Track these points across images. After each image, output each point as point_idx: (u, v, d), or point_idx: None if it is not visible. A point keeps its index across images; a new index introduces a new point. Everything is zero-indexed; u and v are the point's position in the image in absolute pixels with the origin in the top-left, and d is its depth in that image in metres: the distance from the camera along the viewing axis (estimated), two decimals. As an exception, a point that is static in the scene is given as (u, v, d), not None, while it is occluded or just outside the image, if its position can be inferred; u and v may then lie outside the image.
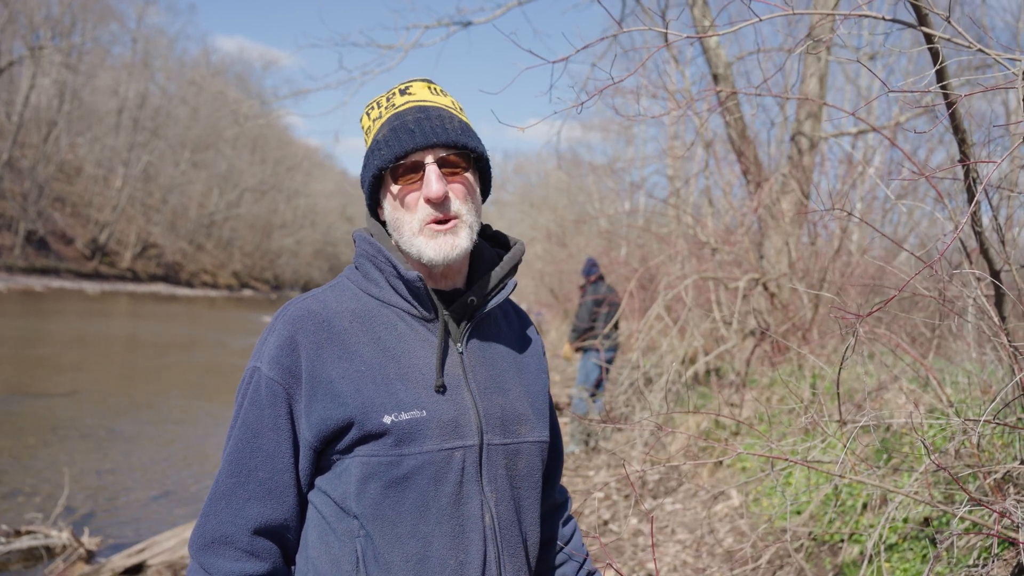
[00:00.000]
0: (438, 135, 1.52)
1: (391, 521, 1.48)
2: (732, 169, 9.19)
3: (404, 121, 1.55)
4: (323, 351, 1.52)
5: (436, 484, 1.50)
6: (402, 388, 1.51)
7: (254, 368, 1.55)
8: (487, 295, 1.64)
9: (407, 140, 1.52)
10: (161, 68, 65.70)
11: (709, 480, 6.43)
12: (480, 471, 1.55)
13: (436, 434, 1.50)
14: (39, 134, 50.81)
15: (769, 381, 7.10)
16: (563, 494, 1.93)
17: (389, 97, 1.63)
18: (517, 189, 50.36)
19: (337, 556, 1.50)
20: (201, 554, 1.49)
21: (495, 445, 1.57)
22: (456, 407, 1.54)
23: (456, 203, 1.55)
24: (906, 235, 9.96)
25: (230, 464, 1.52)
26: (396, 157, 1.52)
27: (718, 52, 8.24)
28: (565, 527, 1.90)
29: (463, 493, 1.52)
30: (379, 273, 1.60)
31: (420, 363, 1.56)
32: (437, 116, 1.55)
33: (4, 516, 6.65)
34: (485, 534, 1.53)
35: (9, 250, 44.41)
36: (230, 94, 45.93)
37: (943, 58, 2.29)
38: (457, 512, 1.51)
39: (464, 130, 1.57)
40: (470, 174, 1.59)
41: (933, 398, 4.18)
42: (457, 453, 1.52)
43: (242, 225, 74.90)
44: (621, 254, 17.32)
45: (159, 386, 14.61)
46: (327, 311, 1.57)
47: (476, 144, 1.58)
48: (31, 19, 48.30)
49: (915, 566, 3.58)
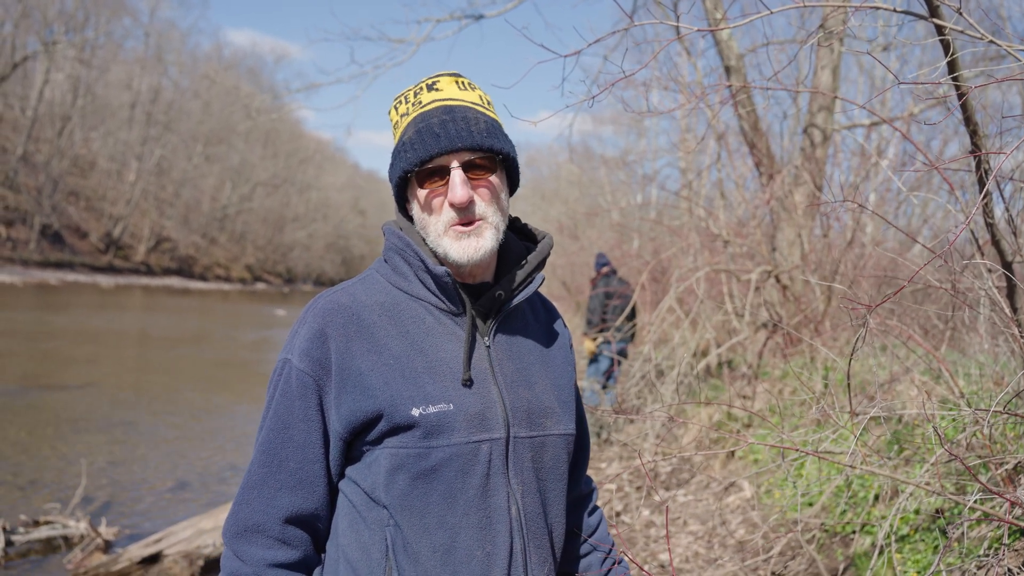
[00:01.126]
0: (463, 139, 1.51)
1: (419, 512, 1.51)
2: (744, 161, 9.18)
3: (429, 123, 1.54)
4: (352, 344, 1.54)
5: (463, 476, 1.52)
6: (430, 381, 1.53)
7: (285, 360, 1.57)
8: (514, 290, 1.65)
9: (432, 144, 1.51)
10: (174, 62, 65.86)
11: (721, 472, 6.44)
12: (507, 463, 1.56)
13: (463, 427, 1.52)
14: (53, 129, 51.06)
15: (781, 373, 7.10)
16: (589, 485, 1.94)
17: (417, 92, 1.62)
18: (529, 182, 50.24)
19: (367, 544, 1.53)
20: (234, 542, 1.53)
21: (521, 438, 1.59)
22: (483, 400, 1.56)
23: (481, 206, 1.55)
24: (920, 228, 9.94)
25: (262, 454, 1.55)
26: (421, 161, 1.52)
27: (730, 45, 8.23)
28: (591, 517, 1.91)
29: (490, 485, 1.54)
30: (408, 267, 1.62)
31: (448, 357, 1.57)
32: (463, 118, 1.54)
33: (23, 507, 6.73)
34: (511, 525, 1.55)
35: (24, 244, 44.70)
36: (242, 88, 46.09)
37: (954, 49, 2.29)
38: (484, 504, 1.53)
39: (490, 131, 1.56)
40: (496, 176, 1.59)
41: (945, 390, 4.18)
42: (484, 446, 1.54)
43: (255, 219, 75.12)
44: (633, 247, 17.31)
45: (173, 379, 14.71)
46: (356, 304, 1.59)
47: (502, 145, 1.56)
48: (45, 14, 48.53)
49: (927, 557, 3.58)
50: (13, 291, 31.34)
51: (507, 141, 1.59)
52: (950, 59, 2.31)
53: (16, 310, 23.90)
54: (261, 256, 76.92)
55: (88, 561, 5.69)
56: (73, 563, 5.67)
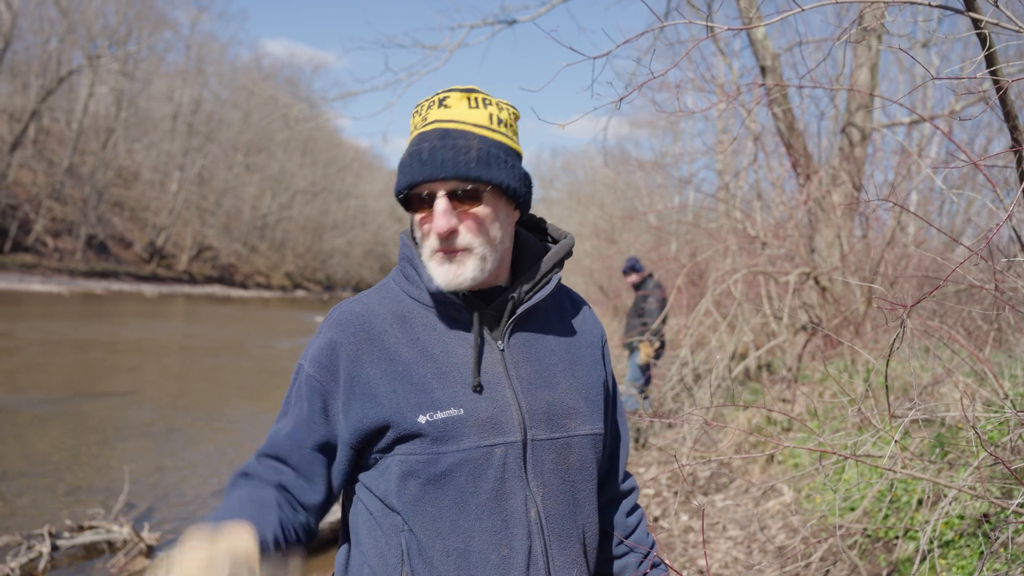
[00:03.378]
0: (447, 168, 1.49)
1: (431, 517, 1.52)
2: (782, 163, 9.08)
3: (421, 148, 1.52)
4: (363, 353, 1.57)
5: (475, 480, 1.52)
6: (439, 387, 1.54)
7: (300, 365, 1.63)
8: (528, 291, 1.65)
9: (418, 171, 1.51)
10: (214, 74, 66.99)
11: (760, 476, 6.37)
12: (525, 466, 1.56)
13: (474, 432, 1.53)
14: (98, 141, 52.14)
15: (821, 376, 7.00)
16: (630, 483, 1.90)
17: (429, 106, 1.59)
18: (565, 186, 50.23)
19: (384, 550, 1.55)
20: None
21: (540, 440, 1.58)
22: (495, 405, 1.55)
23: (467, 236, 1.54)
24: (963, 228, 9.74)
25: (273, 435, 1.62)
26: (408, 185, 1.53)
27: (765, 44, 8.15)
28: (630, 517, 1.87)
29: (505, 489, 1.53)
30: (417, 275, 1.64)
31: (459, 362, 1.58)
32: (452, 146, 1.51)
33: (68, 512, 6.86)
34: (530, 528, 1.54)
35: (71, 255, 45.67)
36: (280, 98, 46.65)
37: (991, 43, 2.24)
38: (499, 507, 1.53)
39: (483, 159, 1.52)
40: (485, 206, 1.55)
41: (989, 392, 4.08)
42: (498, 450, 1.53)
43: (294, 227, 76.05)
44: (671, 250, 17.20)
45: (214, 387, 14.91)
46: (369, 313, 1.62)
47: (492, 175, 1.53)
48: (89, 29, 49.58)
49: (971, 563, 3.50)
50: (60, 301, 32.00)
51: (503, 168, 1.55)
52: (987, 53, 2.26)
53: (63, 320, 24.39)
54: (301, 263, 77.80)
55: (131, 565, 5.78)
56: (116, 567, 5.76)
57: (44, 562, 5.64)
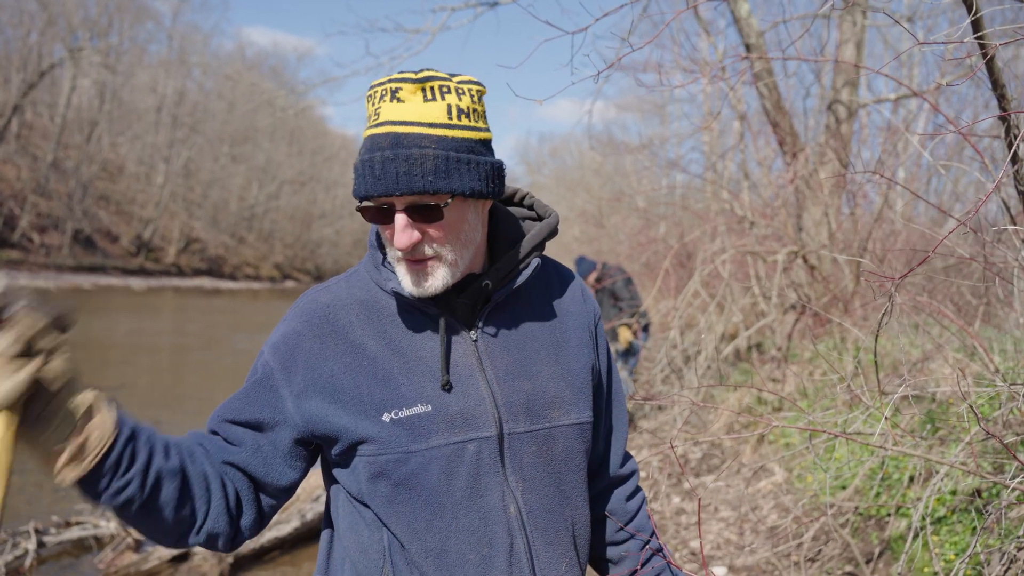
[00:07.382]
0: (403, 184, 1.36)
1: (406, 517, 1.47)
2: (768, 142, 9.04)
3: (373, 158, 1.38)
4: (326, 346, 1.50)
5: (448, 479, 1.46)
6: (405, 383, 1.47)
7: (261, 351, 1.57)
8: (505, 277, 1.56)
9: (371, 185, 1.38)
10: (197, 64, 66.42)
11: (752, 457, 6.35)
12: (502, 462, 1.49)
13: (443, 428, 1.46)
14: (82, 134, 51.74)
15: (811, 355, 6.98)
16: (630, 466, 1.82)
17: (382, 95, 1.42)
18: (553, 172, 50.19)
19: (366, 546, 1.51)
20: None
21: (519, 433, 1.51)
22: (466, 399, 1.48)
23: (433, 245, 1.43)
24: (952, 204, 9.72)
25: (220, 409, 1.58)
26: (364, 198, 1.42)
27: (750, 22, 8.09)
28: (630, 502, 1.79)
29: (480, 486, 1.47)
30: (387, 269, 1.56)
31: (427, 356, 1.50)
32: (407, 157, 1.36)
33: (54, 508, 6.79)
34: (511, 525, 1.49)
35: (58, 249, 45.37)
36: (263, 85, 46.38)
37: (978, 8, 2.19)
38: (475, 505, 1.47)
39: (444, 168, 1.38)
40: (449, 216, 1.43)
41: (980, 366, 4.06)
42: (470, 445, 1.47)
43: (282, 217, 75.69)
44: (660, 232, 17.16)
45: (205, 379, 14.84)
46: (336, 303, 1.54)
47: (455, 186, 1.39)
48: (69, 21, 49.10)
49: (964, 539, 3.48)
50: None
51: (465, 173, 1.41)
52: (973, 18, 2.21)
53: (50, 314, 24.20)
54: (290, 254, 77.52)
55: (119, 560, 5.72)
56: (104, 563, 5.70)
57: (30, 559, 5.58)
